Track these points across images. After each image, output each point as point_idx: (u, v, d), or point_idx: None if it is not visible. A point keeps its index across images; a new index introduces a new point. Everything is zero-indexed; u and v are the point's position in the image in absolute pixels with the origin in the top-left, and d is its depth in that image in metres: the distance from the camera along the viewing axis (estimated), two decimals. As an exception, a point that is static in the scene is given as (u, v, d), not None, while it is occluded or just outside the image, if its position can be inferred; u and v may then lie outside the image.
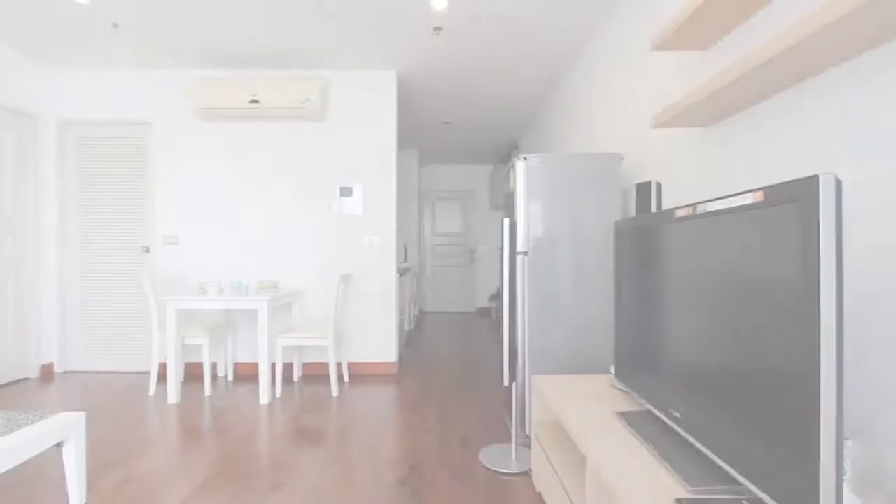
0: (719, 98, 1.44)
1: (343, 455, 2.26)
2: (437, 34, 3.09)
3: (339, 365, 3.70)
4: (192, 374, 3.69)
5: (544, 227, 2.24)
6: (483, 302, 7.53)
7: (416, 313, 6.62)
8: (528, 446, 2.32)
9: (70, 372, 3.79)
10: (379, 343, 3.79)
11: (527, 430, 2.27)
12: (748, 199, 0.94)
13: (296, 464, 2.17)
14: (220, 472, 2.07)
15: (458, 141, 6.06)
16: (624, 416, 1.43)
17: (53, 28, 3.07)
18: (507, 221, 2.16)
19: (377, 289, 3.77)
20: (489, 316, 7.18)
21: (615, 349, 1.69)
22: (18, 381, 3.52)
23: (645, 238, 1.47)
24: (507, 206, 2.58)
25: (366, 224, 3.76)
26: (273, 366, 3.17)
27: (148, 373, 3.74)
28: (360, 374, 3.75)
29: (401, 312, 4.27)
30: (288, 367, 3.74)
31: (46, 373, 3.72)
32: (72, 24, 3.01)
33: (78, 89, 3.76)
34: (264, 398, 3.03)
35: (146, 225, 3.79)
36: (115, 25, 3.02)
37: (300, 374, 3.67)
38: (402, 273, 4.37)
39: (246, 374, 3.72)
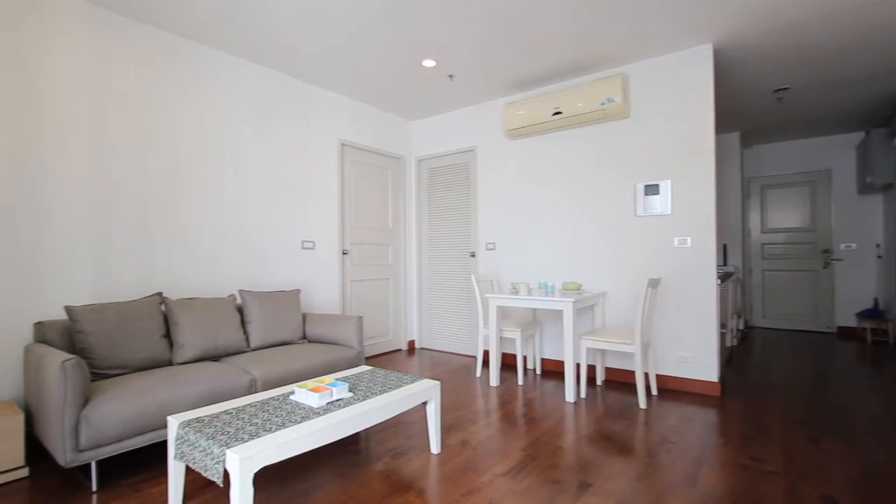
0: None
1: (655, 473, 2.08)
2: (770, -19, 2.49)
3: (645, 375, 3.47)
4: (506, 363, 4.24)
5: None
6: (848, 319, 5.58)
7: (741, 328, 5.51)
8: (958, 542, 1.54)
9: (424, 348, 4.96)
10: (694, 357, 3.33)
11: (954, 516, 1.51)
12: None
13: (603, 468, 2.13)
14: (533, 457, 2.25)
15: (799, 109, 4.71)
16: None
17: (410, 90, 4.11)
18: (905, 206, 1.51)
19: (691, 296, 3.33)
20: (860, 339, 5.25)
21: None
22: (395, 350, 4.85)
23: None
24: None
25: (675, 223, 3.39)
26: (577, 366, 3.25)
27: (473, 356, 4.52)
28: (671, 389, 3.39)
29: (721, 325, 3.63)
30: (590, 370, 3.78)
31: (410, 347, 4.98)
32: (421, 83, 3.95)
33: (425, 132, 4.92)
34: (570, 396, 3.13)
35: (472, 233, 4.58)
36: (451, 76, 3.79)
37: (603, 379, 3.62)
38: (721, 279, 3.72)
39: (551, 370, 3.96)
